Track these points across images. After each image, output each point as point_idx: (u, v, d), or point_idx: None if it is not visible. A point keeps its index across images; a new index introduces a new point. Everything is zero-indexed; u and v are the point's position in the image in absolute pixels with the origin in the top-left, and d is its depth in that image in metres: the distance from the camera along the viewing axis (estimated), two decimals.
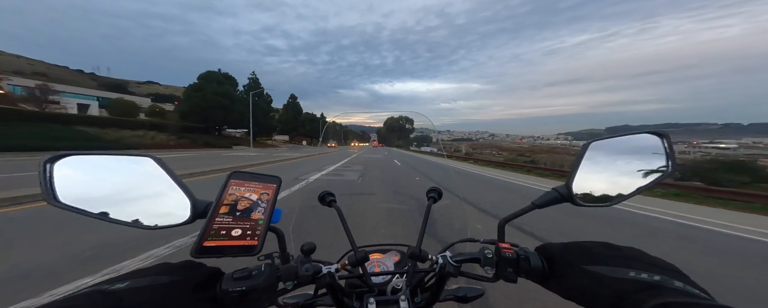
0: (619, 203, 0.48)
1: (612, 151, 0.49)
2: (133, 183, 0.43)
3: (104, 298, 0.31)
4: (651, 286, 0.33)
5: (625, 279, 0.36)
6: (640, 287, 0.34)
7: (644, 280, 0.35)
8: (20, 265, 2.46)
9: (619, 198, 0.48)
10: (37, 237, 3.20)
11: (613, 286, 0.36)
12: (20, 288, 2.09)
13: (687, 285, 0.34)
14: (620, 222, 4.88)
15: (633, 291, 0.34)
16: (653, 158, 0.47)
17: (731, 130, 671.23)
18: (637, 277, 0.35)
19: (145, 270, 0.38)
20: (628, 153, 0.49)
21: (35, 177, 0.38)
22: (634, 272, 0.36)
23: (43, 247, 2.90)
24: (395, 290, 0.56)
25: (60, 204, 0.37)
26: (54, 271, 2.37)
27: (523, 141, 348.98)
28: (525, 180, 11.17)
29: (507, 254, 0.47)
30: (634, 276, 0.36)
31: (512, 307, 2.05)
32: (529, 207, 0.51)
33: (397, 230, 3.83)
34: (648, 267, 0.37)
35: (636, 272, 0.36)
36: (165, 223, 0.43)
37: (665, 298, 0.31)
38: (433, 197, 0.63)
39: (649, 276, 0.35)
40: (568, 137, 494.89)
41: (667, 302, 0.30)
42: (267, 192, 0.48)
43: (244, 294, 0.40)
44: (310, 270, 0.46)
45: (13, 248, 2.88)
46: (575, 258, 0.42)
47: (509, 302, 2.09)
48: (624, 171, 0.49)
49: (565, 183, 0.49)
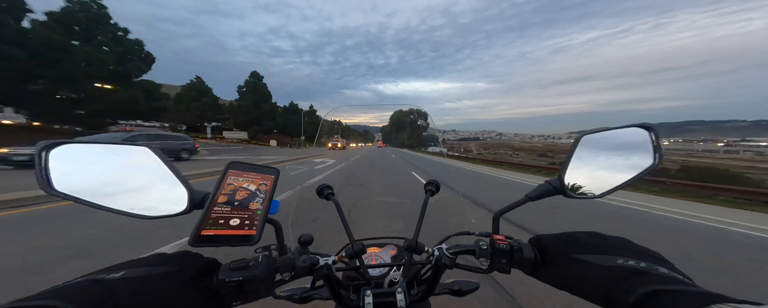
0: (608, 195, 0.49)
1: (602, 145, 0.51)
2: (129, 173, 0.42)
3: (97, 288, 0.31)
4: (637, 272, 0.34)
5: (612, 266, 0.37)
6: (627, 273, 0.35)
7: (631, 267, 0.36)
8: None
9: (609, 190, 0.49)
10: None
11: (601, 273, 0.37)
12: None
13: (671, 271, 0.35)
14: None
15: (621, 277, 0.35)
16: (641, 151, 0.49)
17: (763, 126, 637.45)
18: (625, 264, 0.36)
19: (140, 260, 0.38)
20: (617, 146, 0.51)
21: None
22: (622, 259, 0.37)
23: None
24: (392, 283, 0.57)
25: (55, 192, 0.36)
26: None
27: (534, 140, 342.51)
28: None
29: (501, 245, 0.48)
30: (621, 263, 0.37)
31: (506, 300, 2.05)
32: (523, 199, 0.52)
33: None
34: (634, 254, 0.38)
35: (623, 259, 0.37)
36: (161, 213, 0.42)
37: (654, 286, 0.32)
38: (431, 190, 0.64)
39: (635, 263, 0.36)
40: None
41: (656, 290, 0.31)
42: (265, 183, 0.48)
43: (241, 284, 0.40)
44: (307, 261, 0.46)
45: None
46: (566, 248, 0.43)
47: (504, 295, 2.09)
48: (613, 164, 0.50)
49: (557, 175, 0.50)
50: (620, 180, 0.48)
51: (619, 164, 0.49)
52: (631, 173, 0.48)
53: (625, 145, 0.50)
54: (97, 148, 0.41)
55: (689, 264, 3.03)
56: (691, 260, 3.21)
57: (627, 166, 0.49)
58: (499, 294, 2.15)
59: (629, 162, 0.49)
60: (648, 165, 0.47)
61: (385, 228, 3.84)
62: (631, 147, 0.49)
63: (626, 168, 0.49)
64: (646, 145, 0.48)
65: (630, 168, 0.48)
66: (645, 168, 0.47)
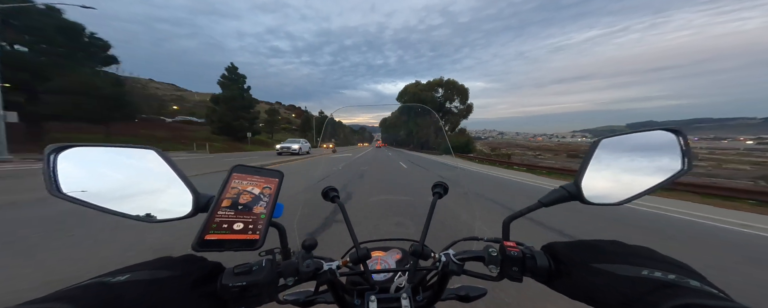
0: (629, 202, 0.46)
1: (624, 149, 0.48)
2: (135, 176, 0.43)
3: (103, 290, 0.31)
4: (666, 285, 0.32)
5: (637, 277, 0.34)
6: (655, 286, 0.32)
7: (658, 279, 0.33)
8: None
9: (630, 198, 0.46)
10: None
11: (624, 285, 0.35)
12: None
13: (704, 284, 0.32)
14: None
15: (647, 290, 0.32)
16: (668, 156, 0.45)
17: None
18: (650, 276, 0.34)
19: (145, 263, 0.38)
20: (640, 150, 0.47)
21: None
22: (647, 270, 0.34)
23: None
24: (397, 288, 0.55)
25: (62, 195, 0.36)
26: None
27: (538, 139, 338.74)
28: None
29: (512, 252, 0.46)
30: (646, 274, 0.34)
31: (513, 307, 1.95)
32: (536, 205, 0.50)
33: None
34: (661, 266, 0.36)
35: (649, 270, 0.34)
36: (166, 217, 0.43)
37: (686, 299, 0.29)
38: (439, 192, 0.62)
39: (663, 275, 0.33)
40: (585, 135, 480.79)
41: (689, 303, 0.28)
42: (269, 186, 0.48)
43: (245, 289, 0.39)
44: (311, 266, 0.45)
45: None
46: (583, 257, 0.41)
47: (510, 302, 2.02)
48: (636, 169, 0.47)
49: (573, 180, 0.47)
50: (644, 187, 0.45)
51: (643, 169, 0.46)
52: (656, 179, 0.45)
53: (650, 149, 0.47)
54: (105, 150, 0.41)
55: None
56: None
57: (652, 171, 0.45)
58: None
59: (655, 167, 0.45)
60: (676, 170, 0.44)
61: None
62: (656, 151, 0.46)
63: (651, 174, 0.45)
64: (673, 149, 0.45)
65: (655, 174, 0.45)
66: (673, 174, 0.44)
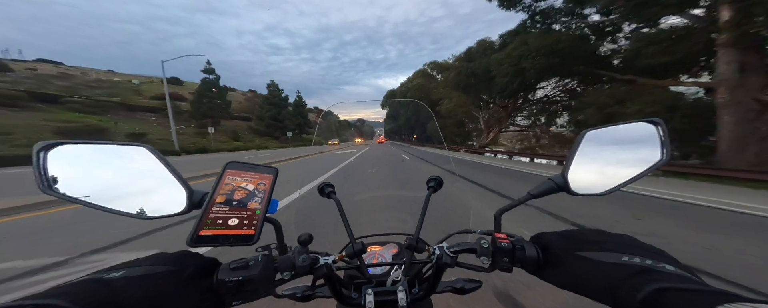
0: (614, 192, 0.48)
1: (607, 141, 0.50)
2: (128, 173, 0.42)
3: (99, 287, 0.31)
4: (643, 270, 0.34)
5: (617, 263, 0.36)
6: (633, 271, 0.34)
7: (636, 264, 0.35)
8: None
9: (613, 188, 0.48)
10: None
11: (606, 270, 0.37)
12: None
13: (677, 268, 0.34)
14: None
15: (626, 275, 0.34)
16: (648, 147, 0.47)
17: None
18: (629, 261, 0.36)
19: (141, 259, 0.38)
20: (622, 142, 0.49)
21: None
22: (627, 256, 0.37)
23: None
24: (393, 281, 0.56)
25: (53, 193, 0.36)
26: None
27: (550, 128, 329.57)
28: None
29: (503, 244, 0.47)
30: (626, 260, 0.36)
31: (508, 298, 2.02)
32: (526, 197, 0.51)
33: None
34: (639, 251, 0.38)
35: (628, 256, 0.36)
36: (160, 213, 0.42)
37: (662, 283, 0.31)
38: (433, 186, 0.63)
39: (641, 260, 0.35)
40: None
41: (665, 287, 0.30)
42: (263, 182, 0.48)
43: (241, 284, 0.40)
44: (307, 260, 0.46)
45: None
46: (569, 246, 0.43)
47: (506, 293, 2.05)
48: (618, 161, 0.49)
49: (560, 172, 0.49)
50: (626, 177, 0.47)
51: (624, 160, 0.48)
52: (637, 169, 0.47)
53: (631, 140, 0.48)
54: (95, 148, 0.41)
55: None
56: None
57: (633, 162, 0.47)
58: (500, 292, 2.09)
59: (635, 158, 0.47)
60: (655, 161, 0.46)
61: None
62: (638, 142, 0.48)
63: (632, 165, 0.47)
64: (653, 141, 0.47)
65: (636, 165, 0.47)
66: (652, 164, 0.46)
